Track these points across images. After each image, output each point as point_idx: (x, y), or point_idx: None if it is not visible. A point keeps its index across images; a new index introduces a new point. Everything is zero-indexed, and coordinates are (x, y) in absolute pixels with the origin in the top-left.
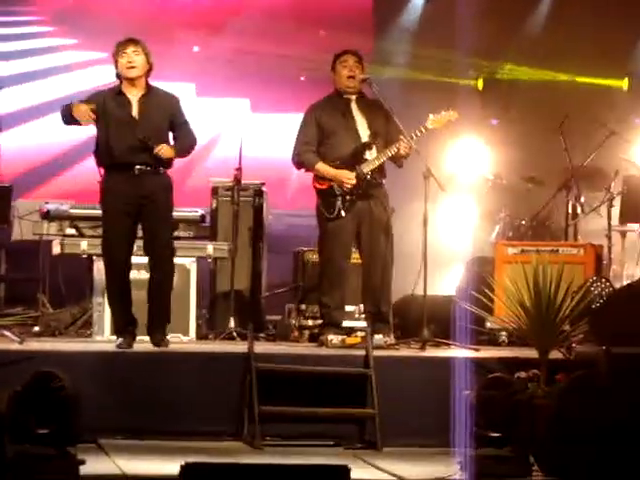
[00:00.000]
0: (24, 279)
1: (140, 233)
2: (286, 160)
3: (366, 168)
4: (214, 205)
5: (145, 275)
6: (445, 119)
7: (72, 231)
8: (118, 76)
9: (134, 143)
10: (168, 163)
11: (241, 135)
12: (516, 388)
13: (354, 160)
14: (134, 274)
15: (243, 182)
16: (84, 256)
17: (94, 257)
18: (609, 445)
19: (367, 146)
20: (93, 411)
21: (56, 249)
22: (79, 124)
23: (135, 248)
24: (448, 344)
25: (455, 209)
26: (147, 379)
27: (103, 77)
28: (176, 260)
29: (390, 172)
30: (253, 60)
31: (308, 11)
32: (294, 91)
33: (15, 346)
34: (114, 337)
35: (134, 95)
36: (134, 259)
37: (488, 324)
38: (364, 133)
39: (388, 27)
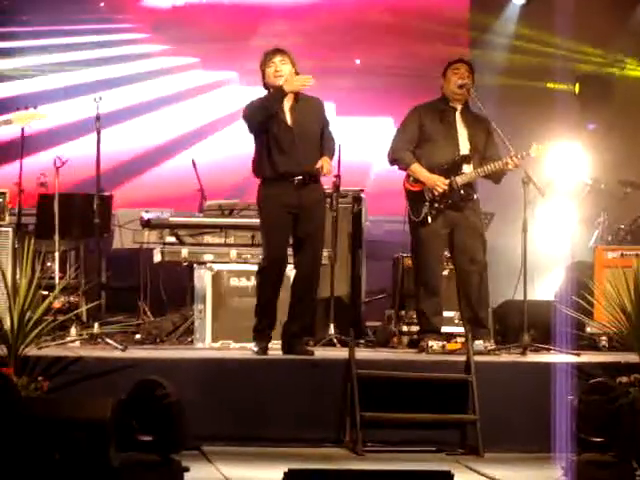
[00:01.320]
0: (125, 287)
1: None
2: (383, 166)
3: (460, 180)
4: None
5: (247, 283)
6: (547, 150)
7: (172, 239)
8: (266, 86)
9: (293, 156)
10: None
11: (339, 142)
12: (618, 393)
13: (451, 170)
14: (234, 282)
15: (342, 189)
16: (185, 264)
17: (195, 265)
18: None
19: (466, 159)
20: (196, 418)
21: (157, 257)
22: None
23: (235, 255)
24: (549, 349)
25: (554, 214)
26: (249, 386)
27: (196, 80)
28: None
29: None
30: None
31: (404, 18)
32: (378, 95)
33: (118, 354)
34: (215, 344)
35: (286, 104)
36: (235, 266)
37: (588, 329)
38: (464, 145)
39: (485, 31)
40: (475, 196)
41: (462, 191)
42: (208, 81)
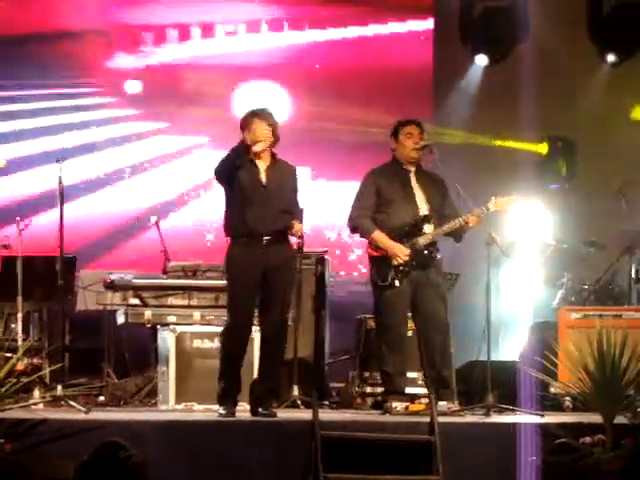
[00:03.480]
0: (89, 349)
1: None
2: (342, 227)
3: (423, 241)
4: None
5: (210, 344)
6: (507, 204)
7: (136, 301)
8: (243, 143)
9: (265, 214)
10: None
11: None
12: (582, 453)
13: (412, 231)
14: (198, 343)
15: (305, 250)
16: (148, 325)
17: (158, 326)
18: None
19: (426, 219)
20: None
21: (120, 319)
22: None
23: (199, 317)
24: (513, 410)
25: (518, 274)
26: (212, 447)
27: (164, 147)
28: None
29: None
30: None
31: (368, 76)
32: (351, 158)
33: (81, 416)
34: (179, 406)
35: (262, 163)
36: (199, 328)
37: (552, 389)
38: (422, 206)
39: (448, 92)
40: (438, 255)
41: (426, 251)
42: (178, 146)
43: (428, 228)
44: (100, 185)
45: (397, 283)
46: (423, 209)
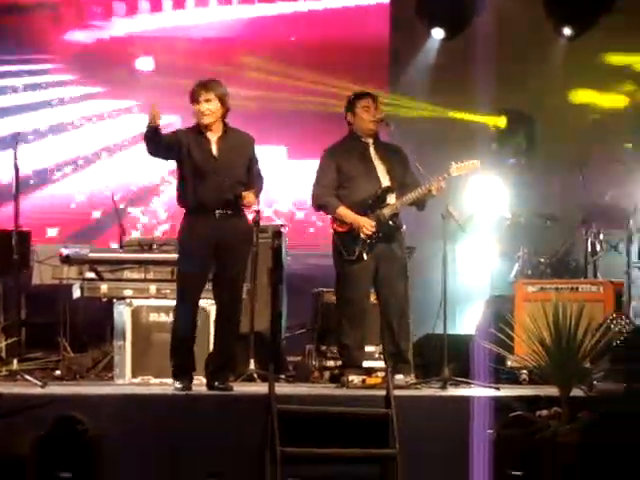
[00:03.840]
0: (45, 323)
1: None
2: (302, 202)
3: (387, 212)
4: None
5: (166, 318)
6: (468, 168)
7: (92, 275)
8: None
9: (216, 185)
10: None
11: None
12: (538, 426)
13: (376, 204)
14: (154, 317)
15: (262, 224)
16: (104, 299)
17: (114, 300)
18: None
19: (389, 190)
20: (116, 454)
21: (76, 293)
22: (164, 155)
23: (155, 291)
24: (469, 383)
25: (474, 248)
26: (168, 422)
27: (131, 127)
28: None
29: (411, 211)
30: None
31: (323, 51)
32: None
33: (37, 390)
34: (135, 380)
35: (213, 136)
36: (155, 302)
37: (508, 362)
38: (384, 178)
39: (405, 65)
40: (404, 227)
41: (390, 222)
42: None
43: (391, 199)
44: (67, 165)
45: (365, 256)
46: (384, 180)
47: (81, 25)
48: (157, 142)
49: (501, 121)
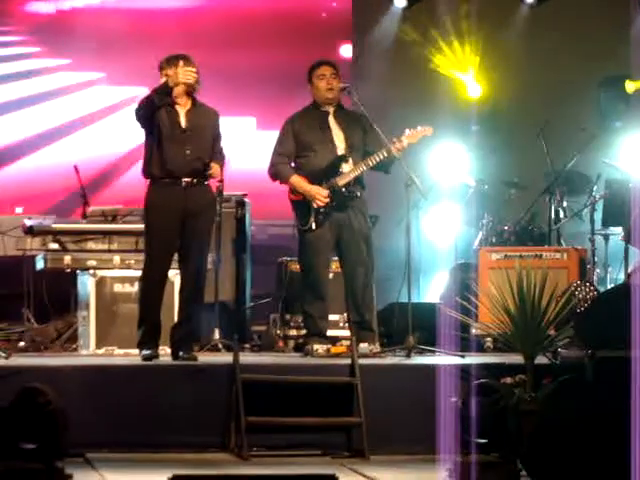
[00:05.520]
0: (8, 294)
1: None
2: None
3: (341, 181)
4: None
5: (131, 289)
6: (420, 134)
7: (55, 246)
8: (167, 87)
9: (184, 155)
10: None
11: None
12: (502, 394)
13: (330, 173)
14: (118, 288)
15: (225, 193)
16: (68, 270)
17: (78, 271)
18: (595, 449)
19: (343, 159)
20: (80, 425)
21: (39, 264)
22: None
23: (119, 261)
24: (433, 351)
25: (438, 216)
26: (133, 392)
27: (98, 100)
28: None
29: (373, 180)
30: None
31: (287, 21)
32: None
33: (1, 361)
34: (99, 350)
35: (181, 109)
36: (119, 272)
37: (473, 330)
38: (341, 146)
39: (368, 34)
40: (358, 194)
41: (344, 190)
42: (115, 99)
43: (346, 167)
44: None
45: (314, 226)
46: (341, 149)
47: None
48: (161, 104)
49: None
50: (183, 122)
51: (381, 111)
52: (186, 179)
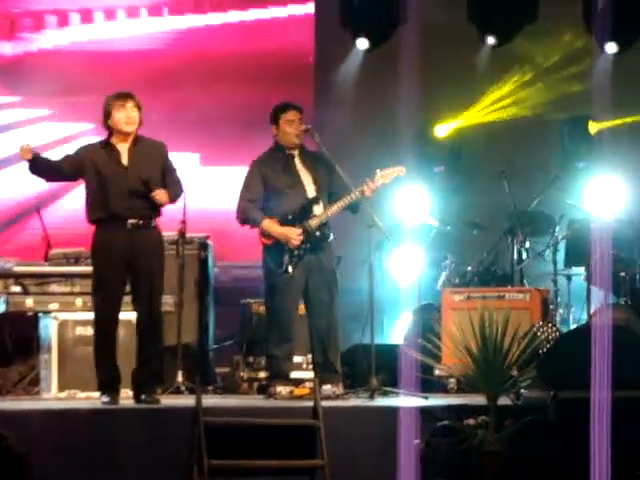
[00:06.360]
0: None
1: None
2: (230, 212)
3: (314, 223)
4: None
5: (92, 332)
6: (393, 174)
7: (17, 288)
8: (105, 126)
9: (127, 193)
10: (158, 212)
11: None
12: (465, 435)
13: (302, 216)
14: (80, 330)
15: (188, 235)
16: (30, 313)
17: (40, 314)
18: None
19: (314, 201)
20: (43, 469)
21: (1, 307)
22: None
23: (81, 304)
24: (397, 393)
25: (401, 257)
26: (95, 435)
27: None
28: (123, 315)
29: (336, 221)
30: (198, 114)
31: (250, 62)
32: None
33: None
34: (62, 394)
35: (123, 146)
36: (81, 315)
37: (436, 371)
38: (310, 188)
39: (330, 75)
40: (330, 235)
41: (318, 233)
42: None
43: (317, 209)
44: None
45: (290, 269)
46: (311, 191)
47: (10, 37)
48: (42, 171)
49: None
50: (124, 160)
51: (343, 153)
52: (131, 220)
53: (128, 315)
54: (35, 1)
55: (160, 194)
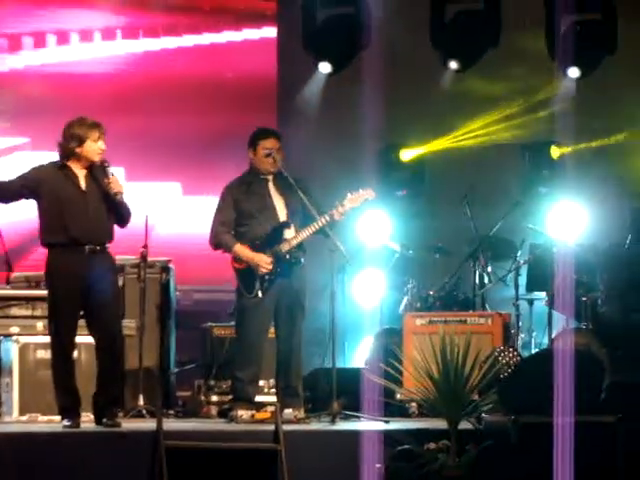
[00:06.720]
0: None
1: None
2: (193, 236)
3: (285, 248)
4: (121, 283)
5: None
6: (362, 197)
7: None
8: (68, 151)
9: (86, 220)
10: (111, 236)
11: (146, 212)
12: (426, 459)
13: (273, 240)
14: (41, 354)
15: (149, 259)
16: None
17: (1, 337)
18: None
19: (285, 225)
20: None
21: None
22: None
23: (42, 327)
24: (358, 417)
25: (363, 281)
26: (56, 459)
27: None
28: (83, 339)
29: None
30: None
31: (210, 86)
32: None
33: None
34: (23, 417)
35: (81, 171)
36: (42, 339)
37: (398, 396)
38: (282, 213)
39: (292, 99)
40: (302, 260)
41: (288, 256)
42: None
43: (289, 234)
44: None
45: (260, 294)
46: (282, 216)
47: None
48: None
49: (399, 154)
50: (83, 185)
51: (306, 176)
52: (89, 246)
53: (89, 338)
54: (11, 23)
55: (115, 180)
